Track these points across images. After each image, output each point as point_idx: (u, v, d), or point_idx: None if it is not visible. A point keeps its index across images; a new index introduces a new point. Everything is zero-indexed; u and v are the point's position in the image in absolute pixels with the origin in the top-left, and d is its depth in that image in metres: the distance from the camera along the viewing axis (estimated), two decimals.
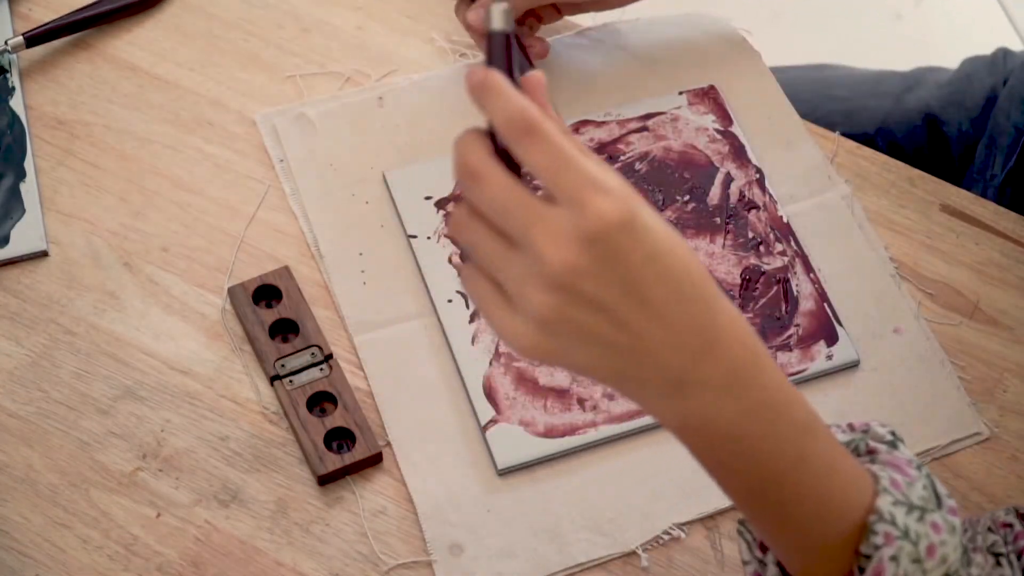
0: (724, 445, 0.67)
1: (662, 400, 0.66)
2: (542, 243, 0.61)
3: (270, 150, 1.02)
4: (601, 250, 0.62)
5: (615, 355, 0.65)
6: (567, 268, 0.61)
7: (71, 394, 0.91)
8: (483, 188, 0.63)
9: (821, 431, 0.70)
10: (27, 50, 1.05)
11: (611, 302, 0.63)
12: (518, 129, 0.63)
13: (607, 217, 0.61)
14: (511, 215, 0.62)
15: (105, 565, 0.85)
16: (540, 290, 0.62)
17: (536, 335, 0.64)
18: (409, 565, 0.86)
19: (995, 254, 1.00)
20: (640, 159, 1.02)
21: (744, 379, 0.67)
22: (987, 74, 1.21)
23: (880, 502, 0.69)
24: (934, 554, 0.69)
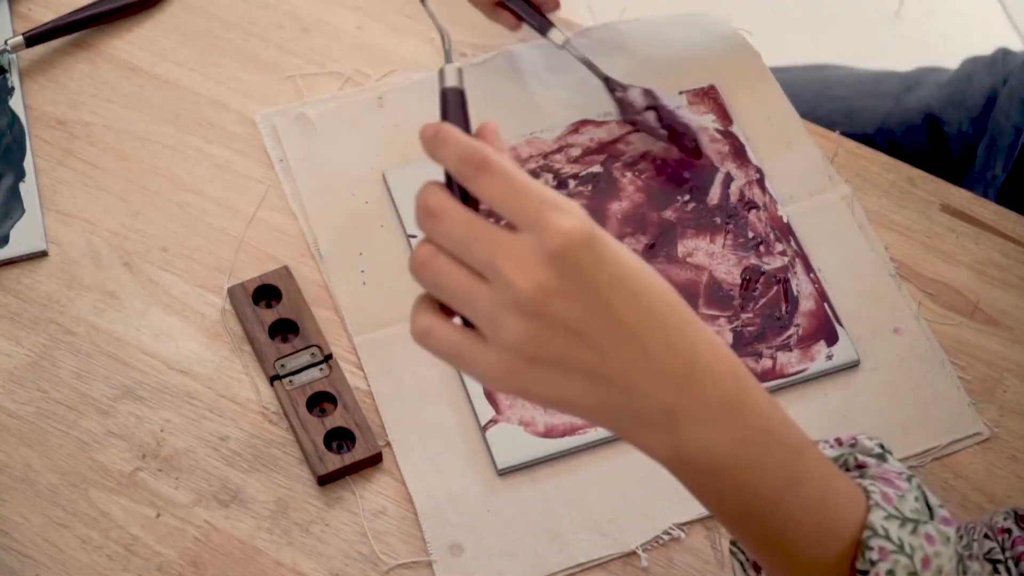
0: (718, 474, 0.67)
1: (653, 433, 0.66)
2: (509, 269, 0.62)
3: (270, 150, 1.02)
4: (567, 267, 0.62)
5: (598, 385, 0.64)
6: (537, 289, 0.61)
7: (71, 394, 0.91)
8: (443, 224, 0.63)
9: (811, 451, 0.70)
10: (27, 50, 1.05)
11: (584, 324, 0.62)
12: (472, 165, 0.63)
13: (569, 233, 0.62)
14: (474, 246, 0.62)
15: (105, 565, 0.85)
16: (513, 317, 0.62)
17: (515, 364, 0.63)
18: (409, 565, 0.86)
19: (995, 254, 1.00)
20: (640, 159, 1.02)
21: (734, 405, 0.66)
22: (987, 74, 1.21)
23: (873, 517, 0.69)
24: (929, 565, 0.69)
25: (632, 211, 1.00)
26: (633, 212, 1.00)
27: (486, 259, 0.62)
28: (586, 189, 1.01)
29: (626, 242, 0.98)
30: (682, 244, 0.98)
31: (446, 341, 0.64)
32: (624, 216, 0.99)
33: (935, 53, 1.47)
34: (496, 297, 0.62)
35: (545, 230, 0.62)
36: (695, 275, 0.97)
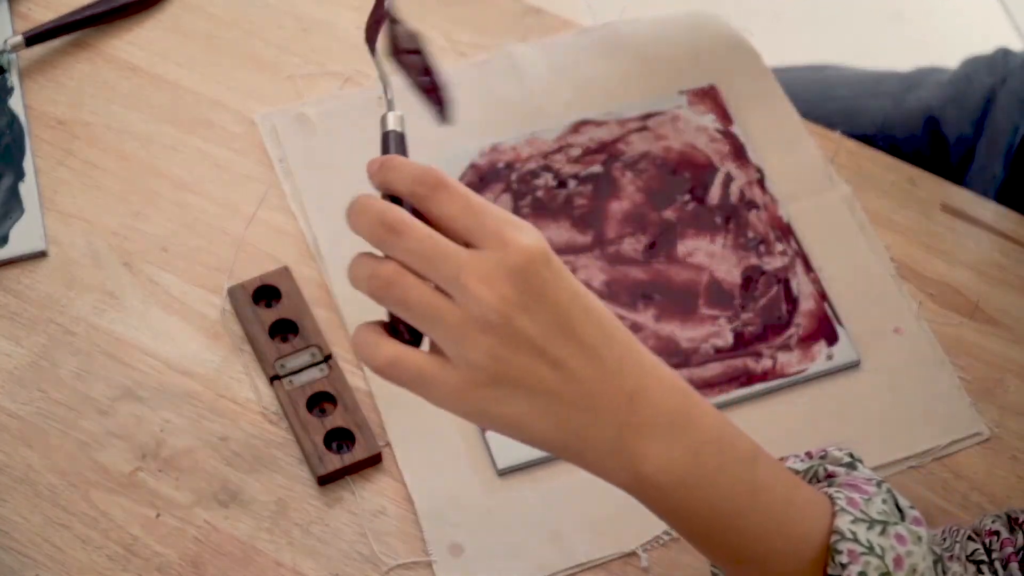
0: (679, 491, 0.67)
1: (610, 455, 0.66)
2: (475, 284, 0.62)
3: (270, 150, 1.02)
4: (529, 283, 0.63)
5: (556, 403, 0.64)
6: (502, 303, 0.62)
7: (71, 394, 0.91)
8: (406, 240, 0.63)
9: (765, 458, 0.70)
10: (27, 50, 1.05)
11: (545, 340, 0.63)
12: (428, 185, 0.64)
13: (530, 249, 0.63)
14: (439, 262, 0.63)
15: (105, 565, 0.85)
16: (479, 332, 0.62)
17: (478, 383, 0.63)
18: (409, 565, 0.86)
19: (995, 254, 1.00)
20: (640, 159, 1.02)
21: (683, 418, 0.67)
22: (987, 74, 1.21)
23: (839, 522, 0.69)
24: (902, 565, 0.69)
25: (632, 211, 1.00)
26: (633, 212, 1.00)
27: (451, 275, 0.63)
28: (586, 189, 1.01)
29: (626, 242, 0.98)
30: (682, 244, 0.98)
31: (413, 367, 0.64)
32: (624, 216, 0.99)
33: (935, 53, 1.47)
34: (463, 315, 0.62)
35: (507, 245, 0.63)
36: (695, 275, 0.97)
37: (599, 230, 0.99)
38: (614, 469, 0.67)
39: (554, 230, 0.98)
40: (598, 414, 0.65)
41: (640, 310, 0.95)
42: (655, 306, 0.95)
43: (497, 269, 0.63)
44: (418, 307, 0.63)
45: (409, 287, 0.63)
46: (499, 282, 0.62)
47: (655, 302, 0.96)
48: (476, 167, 1.01)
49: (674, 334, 0.94)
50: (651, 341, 0.94)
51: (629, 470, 0.66)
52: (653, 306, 0.95)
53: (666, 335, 0.94)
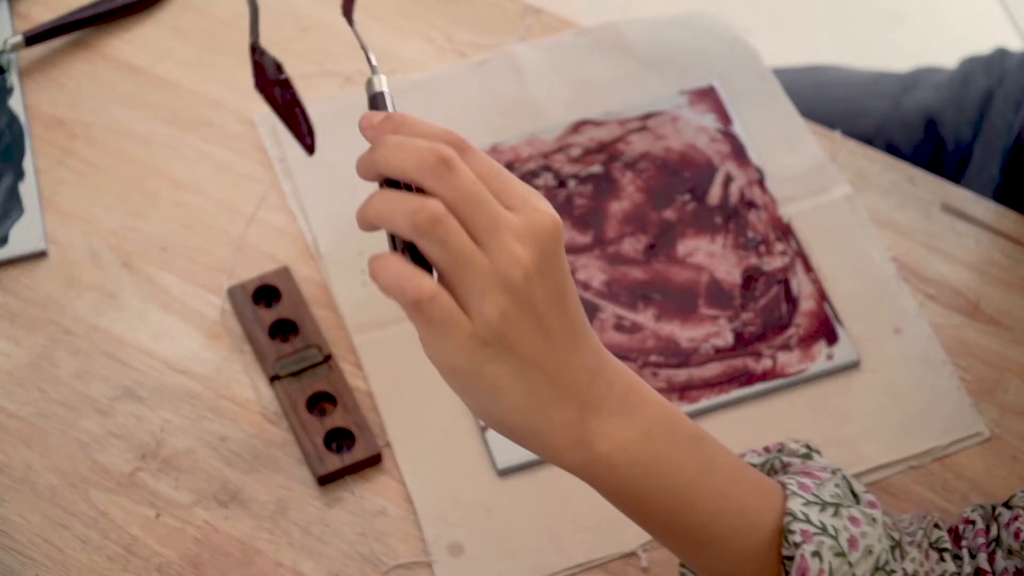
0: (633, 469, 0.68)
1: (569, 432, 0.67)
2: (509, 240, 0.63)
3: (269, 150, 1.02)
4: (548, 250, 0.64)
5: (535, 372, 0.65)
6: (528, 263, 0.63)
7: (70, 394, 0.91)
8: (459, 178, 0.63)
9: (713, 440, 0.71)
10: (26, 50, 1.05)
11: (547, 308, 0.64)
12: (458, 144, 0.64)
13: (555, 219, 0.65)
14: (484, 208, 0.63)
15: (104, 565, 0.85)
16: (500, 288, 0.63)
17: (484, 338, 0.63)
18: (409, 565, 0.86)
19: (996, 254, 1.00)
20: (640, 159, 1.02)
21: (634, 397, 0.68)
22: (984, 75, 1.21)
23: (791, 504, 0.70)
24: (857, 546, 0.70)
25: (632, 211, 1.00)
26: (633, 212, 1.00)
27: (491, 224, 0.62)
28: (586, 189, 1.01)
29: (626, 242, 0.98)
30: (682, 244, 0.98)
31: (448, 307, 0.63)
32: (624, 216, 0.99)
33: (935, 54, 1.47)
34: (492, 267, 0.62)
35: (536, 211, 0.64)
36: (695, 275, 0.97)
37: (599, 230, 0.99)
38: (570, 448, 0.67)
39: None
40: (564, 390, 0.66)
41: (640, 310, 0.95)
42: (655, 306, 0.95)
43: (527, 230, 0.63)
44: (457, 249, 0.62)
45: (452, 227, 0.62)
46: (528, 243, 0.63)
47: (655, 302, 0.96)
48: None
49: (674, 334, 0.94)
50: (651, 341, 0.94)
51: (585, 449, 0.67)
52: (653, 306, 0.95)
53: (666, 335, 0.94)
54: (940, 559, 0.73)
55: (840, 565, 0.69)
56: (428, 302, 0.62)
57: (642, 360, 0.93)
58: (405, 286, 0.62)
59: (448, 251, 0.62)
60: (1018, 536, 0.72)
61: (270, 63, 0.74)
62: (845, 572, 0.69)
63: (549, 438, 0.67)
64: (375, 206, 0.63)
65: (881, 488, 0.90)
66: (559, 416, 0.66)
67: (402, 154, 0.63)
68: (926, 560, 0.73)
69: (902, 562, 0.72)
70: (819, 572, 0.69)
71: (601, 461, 0.67)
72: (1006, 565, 0.72)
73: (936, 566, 0.73)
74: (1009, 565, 0.71)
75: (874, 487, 0.90)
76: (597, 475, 0.68)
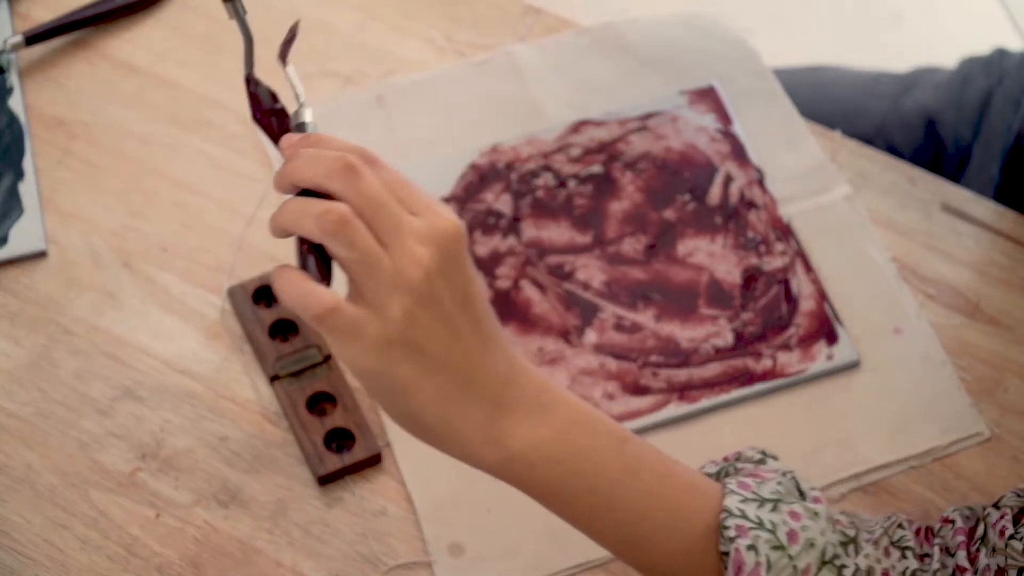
0: (551, 468, 0.69)
1: (482, 431, 0.68)
2: (412, 241, 0.66)
3: (270, 150, 1.02)
4: (451, 253, 0.67)
5: (444, 372, 0.67)
6: (430, 263, 0.66)
7: (70, 394, 0.91)
8: (365, 183, 0.66)
9: (640, 441, 0.72)
10: (26, 50, 1.05)
11: (453, 309, 0.67)
12: (367, 156, 0.67)
13: (457, 225, 0.67)
14: (388, 211, 0.66)
15: (104, 565, 0.85)
16: (404, 288, 0.65)
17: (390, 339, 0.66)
18: (409, 565, 0.86)
19: (996, 254, 1.00)
20: (640, 159, 1.02)
21: (549, 399, 0.70)
22: (983, 76, 1.21)
23: (727, 501, 0.71)
24: (797, 539, 0.70)
25: (632, 211, 1.00)
26: (633, 212, 1.00)
27: (394, 226, 0.66)
28: (586, 189, 1.01)
29: (626, 242, 0.98)
30: (682, 244, 0.98)
31: (350, 316, 0.66)
32: (624, 216, 0.99)
33: (935, 53, 1.47)
34: (394, 267, 0.65)
35: (438, 215, 0.67)
36: (695, 275, 0.97)
37: (599, 230, 0.99)
38: (483, 446, 0.69)
39: (554, 230, 0.98)
40: (475, 392, 0.68)
41: (640, 310, 0.95)
42: (655, 306, 0.95)
43: (429, 233, 0.66)
44: (362, 250, 0.65)
45: (359, 228, 0.65)
46: (429, 245, 0.66)
47: (655, 302, 0.96)
48: (476, 167, 1.01)
49: (674, 334, 0.94)
50: (651, 341, 0.94)
51: (499, 448, 0.69)
52: (653, 306, 0.95)
53: (666, 335, 0.94)
54: (902, 556, 0.73)
55: (779, 558, 0.70)
56: (330, 314, 0.65)
57: (642, 360, 0.93)
58: (307, 302, 0.66)
59: (354, 251, 0.65)
60: (1003, 534, 0.72)
61: (265, 93, 0.78)
62: (784, 565, 0.70)
63: (464, 437, 0.69)
64: (286, 212, 0.67)
65: (881, 488, 0.90)
66: (473, 415, 0.68)
67: (313, 163, 0.67)
68: (885, 557, 0.73)
69: (855, 557, 0.72)
70: (756, 565, 0.70)
71: (517, 460, 0.69)
72: (988, 563, 0.72)
73: (897, 563, 0.73)
74: (992, 563, 0.72)
75: (874, 487, 0.90)
76: (516, 474, 0.70)
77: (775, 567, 0.70)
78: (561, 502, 0.71)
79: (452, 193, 1.00)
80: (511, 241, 0.98)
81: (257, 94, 0.79)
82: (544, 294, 0.96)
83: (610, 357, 0.93)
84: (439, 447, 0.70)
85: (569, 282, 0.96)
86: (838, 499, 0.89)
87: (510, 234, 0.98)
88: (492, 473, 0.70)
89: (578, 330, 0.94)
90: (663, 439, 0.91)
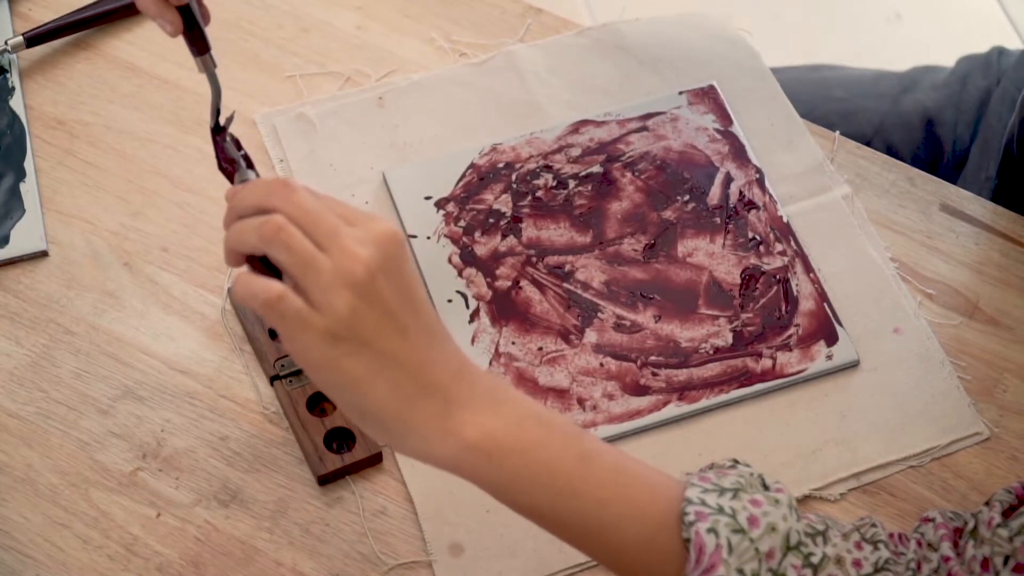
0: (508, 458, 0.71)
1: (437, 424, 0.71)
2: (349, 242, 0.69)
3: (270, 150, 1.02)
4: (391, 253, 0.70)
5: (395, 366, 0.70)
6: (369, 261, 0.69)
7: (71, 394, 0.91)
8: (299, 196, 0.70)
9: (594, 437, 0.74)
10: (27, 50, 1.05)
11: (396, 307, 0.70)
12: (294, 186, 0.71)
13: (395, 229, 0.71)
14: (322, 219, 0.70)
15: (105, 565, 0.85)
16: (345, 284, 0.69)
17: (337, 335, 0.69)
18: (409, 565, 0.86)
19: (995, 254, 1.00)
20: (640, 159, 1.02)
21: (502, 395, 0.73)
22: (982, 75, 1.21)
23: (688, 492, 0.72)
24: (758, 524, 0.71)
25: (632, 211, 1.00)
26: (633, 212, 1.00)
27: (330, 231, 0.69)
28: (586, 189, 1.01)
29: (626, 242, 0.98)
30: (682, 244, 0.98)
31: (297, 304, 0.69)
32: (624, 216, 0.99)
33: (934, 53, 1.47)
34: (334, 266, 0.69)
35: (373, 221, 0.71)
36: (695, 275, 0.97)
37: (599, 230, 0.99)
38: (439, 438, 0.71)
39: (554, 230, 0.99)
40: (428, 387, 0.71)
41: (640, 310, 0.95)
42: (655, 306, 0.95)
43: (368, 235, 0.70)
44: (300, 251, 0.69)
45: (295, 233, 0.69)
46: (369, 246, 0.70)
47: (655, 302, 0.96)
48: (476, 167, 1.01)
49: (674, 334, 0.94)
50: (651, 341, 0.94)
51: (455, 439, 0.71)
52: (653, 306, 0.95)
53: (666, 335, 0.94)
54: (874, 549, 0.74)
55: (740, 541, 0.70)
56: (277, 300, 0.69)
57: (642, 360, 0.93)
58: (255, 291, 0.70)
59: (293, 254, 0.69)
60: (990, 524, 0.72)
61: (229, 143, 0.82)
62: (746, 548, 0.70)
63: (421, 431, 0.71)
64: (231, 233, 0.72)
65: (881, 488, 0.90)
66: (428, 409, 0.70)
67: (253, 187, 0.72)
68: (856, 549, 0.74)
69: (824, 546, 0.72)
70: (716, 547, 0.70)
71: (473, 450, 0.71)
72: (975, 553, 0.72)
73: (870, 555, 0.73)
74: (978, 553, 0.72)
75: (874, 486, 0.90)
76: (473, 466, 0.71)
77: (736, 550, 0.70)
78: (521, 493, 0.72)
79: (452, 193, 1.00)
80: (511, 241, 0.98)
81: (222, 144, 0.83)
82: (544, 294, 0.96)
83: (610, 357, 0.93)
84: (398, 445, 0.72)
85: (569, 282, 0.96)
86: (838, 499, 0.89)
87: (510, 234, 0.98)
88: (450, 468, 0.71)
89: (578, 330, 0.94)
90: (663, 439, 0.91)
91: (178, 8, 0.79)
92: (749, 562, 0.70)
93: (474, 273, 0.96)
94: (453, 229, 0.98)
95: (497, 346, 0.93)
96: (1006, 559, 0.71)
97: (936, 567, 0.73)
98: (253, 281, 0.70)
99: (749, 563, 0.70)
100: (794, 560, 0.71)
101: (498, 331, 0.94)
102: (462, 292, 0.95)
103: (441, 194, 1.00)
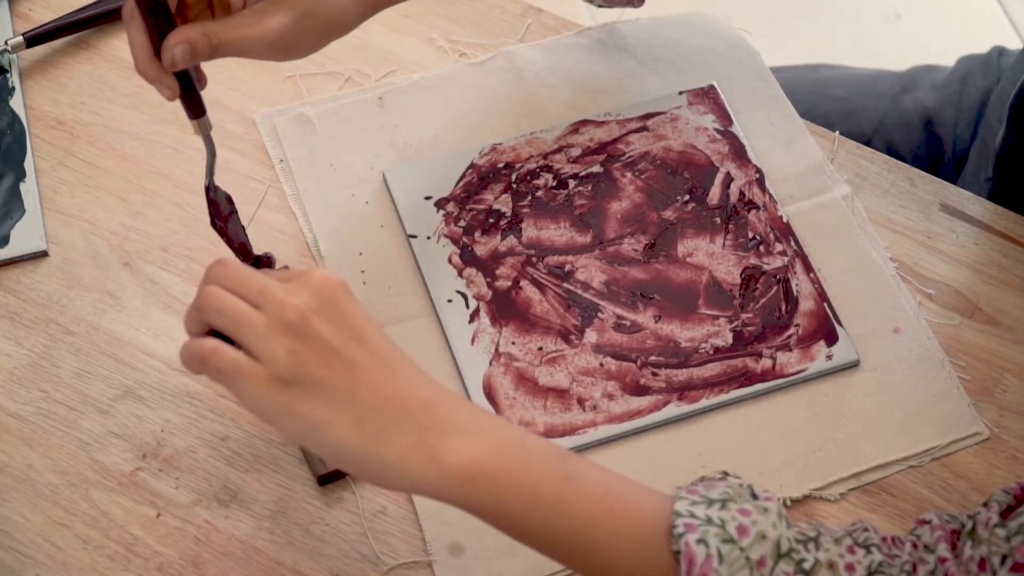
0: (492, 481, 0.71)
1: (415, 454, 0.70)
2: (279, 295, 0.71)
3: (270, 150, 1.02)
4: (327, 296, 0.72)
5: (352, 404, 0.70)
6: (303, 306, 0.71)
7: (71, 394, 0.91)
8: (228, 269, 0.73)
9: (579, 457, 0.74)
10: (27, 50, 1.05)
11: (339, 343, 0.71)
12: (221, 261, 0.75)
13: (331, 275, 0.73)
14: (252, 281, 0.72)
15: (105, 565, 0.85)
16: (281, 332, 0.70)
17: (283, 381, 0.70)
18: (409, 565, 0.86)
19: (995, 254, 1.00)
20: (640, 159, 1.02)
21: (481, 421, 0.73)
22: (981, 75, 1.21)
23: (676, 505, 0.72)
24: (748, 533, 0.71)
25: (632, 211, 1.00)
26: (633, 212, 1.00)
27: (260, 288, 0.72)
28: (586, 189, 1.01)
29: (626, 242, 0.98)
30: (682, 244, 0.98)
31: (231, 356, 0.71)
32: (624, 216, 0.99)
33: (934, 52, 1.47)
34: (268, 320, 0.71)
35: (309, 272, 0.73)
36: (695, 275, 0.97)
37: (599, 230, 0.99)
38: (419, 468, 0.70)
39: (554, 230, 0.99)
40: (397, 418, 0.71)
41: (640, 310, 0.95)
42: (655, 306, 0.96)
43: (300, 287, 0.72)
44: (232, 312, 0.71)
45: (226, 296, 0.72)
46: (301, 294, 0.72)
47: (655, 302, 0.96)
48: (476, 167, 1.01)
49: (674, 334, 0.94)
50: (651, 341, 0.94)
51: (436, 466, 0.70)
52: (653, 306, 0.96)
53: (666, 335, 0.94)
54: (867, 552, 0.74)
55: (730, 551, 0.70)
56: (211, 354, 0.71)
57: (642, 360, 0.93)
58: (191, 351, 0.72)
59: (226, 316, 0.72)
60: (988, 525, 0.73)
61: (223, 199, 0.85)
62: (737, 557, 0.70)
63: (398, 462, 0.70)
64: (184, 322, 0.75)
65: (880, 488, 0.90)
66: (402, 442, 0.70)
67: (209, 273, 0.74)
68: (849, 553, 0.74)
69: (815, 552, 0.72)
70: (707, 558, 0.70)
71: (456, 476, 0.71)
72: (972, 554, 0.72)
73: (863, 558, 0.73)
74: (975, 553, 0.72)
75: (874, 486, 0.90)
76: (457, 491, 0.71)
77: (727, 559, 0.70)
78: (507, 515, 0.72)
79: (452, 193, 1.00)
80: (511, 241, 0.98)
81: (216, 200, 0.85)
82: (544, 294, 0.96)
83: (610, 357, 0.93)
84: (378, 481, 0.72)
85: (569, 282, 0.96)
86: (838, 499, 0.89)
87: (510, 234, 0.98)
88: (433, 495, 0.71)
89: (578, 330, 0.94)
90: (663, 439, 0.91)
91: (175, 74, 0.81)
92: (740, 571, 0.70)
93: (474, 273, 0.96)
94: (453, 229, 0.98)
95: (497, 346, 0.93)
96: (1003, 559, 0.71)
97: (932, 568, 0.73)
98: (189, 343, 0.73)
99: (740, 572, 0.70)
100: (786, 567, 0.71)
101: (498, 331, 0.94)
102: (462, 292, 0.95)
103: (441, 194, 1.00)
